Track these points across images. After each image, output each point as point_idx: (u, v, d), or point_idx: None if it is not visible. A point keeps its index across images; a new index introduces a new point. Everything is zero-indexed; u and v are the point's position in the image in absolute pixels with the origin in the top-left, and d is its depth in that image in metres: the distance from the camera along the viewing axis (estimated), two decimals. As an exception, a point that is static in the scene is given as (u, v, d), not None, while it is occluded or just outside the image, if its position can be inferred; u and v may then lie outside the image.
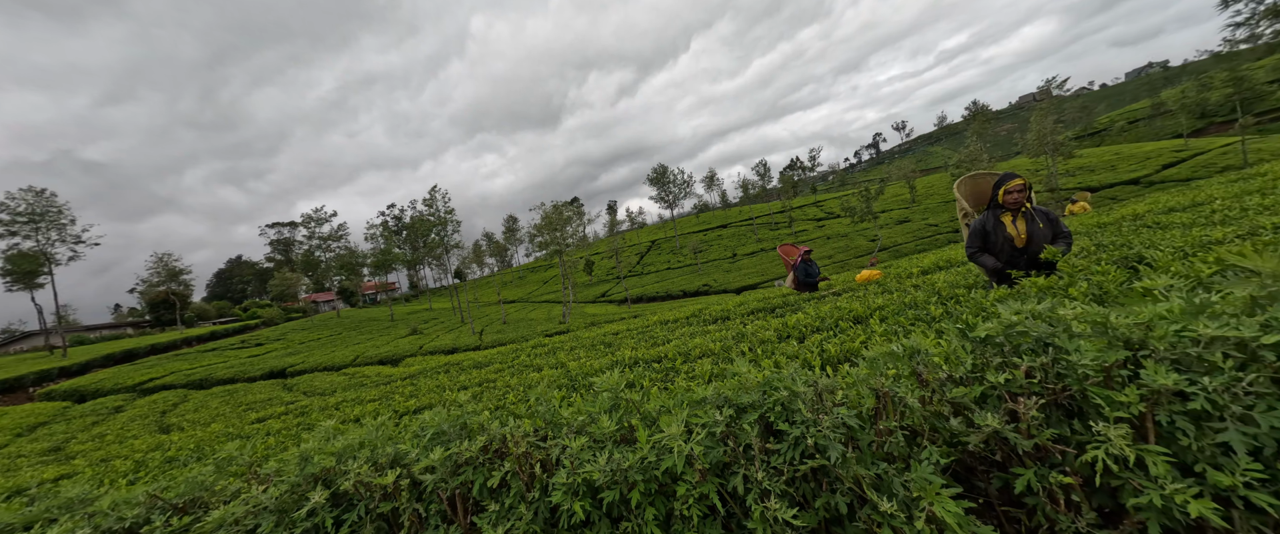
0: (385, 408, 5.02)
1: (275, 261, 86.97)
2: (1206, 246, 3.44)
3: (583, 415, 1.56)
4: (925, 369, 1.36)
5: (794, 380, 1.36)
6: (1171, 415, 1.03)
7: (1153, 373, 1.04)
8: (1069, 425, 1.15)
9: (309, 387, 13.99)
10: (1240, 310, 1.16)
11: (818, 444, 1.16)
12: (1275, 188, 7.12)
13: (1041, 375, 1.18)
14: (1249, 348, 1.03)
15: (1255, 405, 0.98)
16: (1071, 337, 1.23)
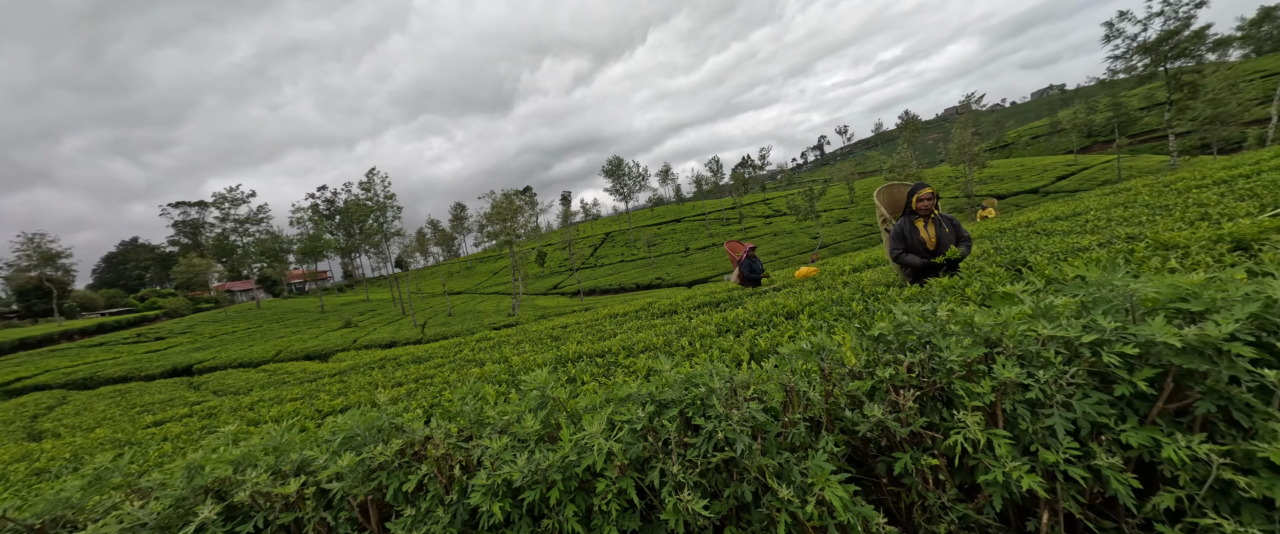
0: (307, 408, 4.67)
1: (181, 245, 77.24)
2: (1075, 252, 3.99)
3: (509, 415, 1.56)
4: (828, 365, 1.49)
5: (712, 377, 1.44)
6: (1014, 404, 1.21)
7: (1001, 367, 1.21)
8: (939, 414, 1.31)
9: (220, 385, 12.68)
10: (1073, 312, 1.37)
11: (728, 437, 1.24)
12: (1135, 201, 8.36)
13: (919, 370, 1.34)
14: (1073, 345, 1.22)
15: (1074, 394, 1.17)
16: (945, 335, 1.40)
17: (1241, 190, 6.03)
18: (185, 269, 51.64)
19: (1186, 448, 1.11)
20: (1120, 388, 1.18)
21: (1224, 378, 1.11)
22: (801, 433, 1.34)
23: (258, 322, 36.44)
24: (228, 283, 77.88)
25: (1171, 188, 8.96)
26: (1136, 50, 24.74)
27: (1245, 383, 1.09)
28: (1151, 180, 12.17)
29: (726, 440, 1.25)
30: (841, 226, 54.09)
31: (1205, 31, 22.81)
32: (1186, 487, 1.12)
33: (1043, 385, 1.19)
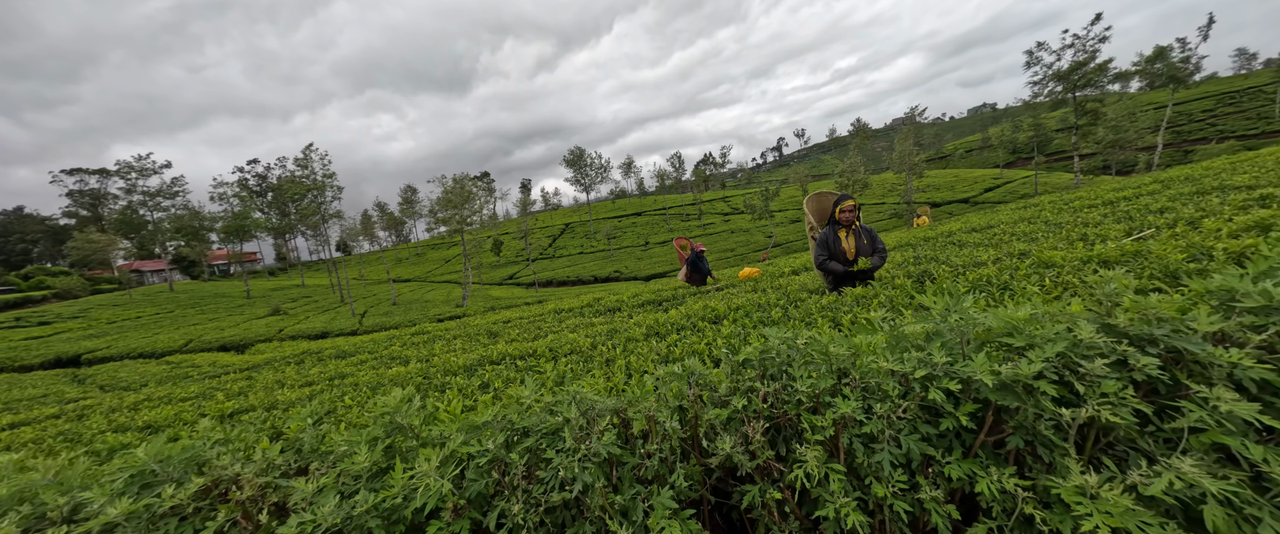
0: (190, 412, 4.19)
1: (78, 218, 67.98)
2: (975, 266, 4.28)
3: (349, 444, 1.41)
4: (694, 391, 1.45)
5: (569, 405, 1.37)
6: (851, 437, 1.22)
7: (841, 401, 1.22)
8: (788, 446, 1.31)
9: (110, 379, 11.29)
10: (920, 342, 1.41)
11: (569, 476, 1.17)
12: (1038, 216, 9.20)
13: (772, 400, 1.33)
14: (908, 379, 1.25)
15: (903, 428, 1.19)
16: (806, 363, 1.40)
17: (1120, 212, 6.75)
18: (82, 245, 45.51)
19: (997, 481, 1.16)
20: (946, 421, 1.22)
21: (1030, 414, 1.16)
22: (655, 466, 1.29)
23: (168, 307, 32.85)
24: (136, 262, 69.64)
25: (1069, 205, 9.93)
26: (1052, 77, 27.48)
27: (1046, 420, 1.15)
28: (1056, 197, 13.49)
29: (569, 478, 1.18)
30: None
31: (1107, 65, 25.68)
32: (999, 518, 1.18)
33: (879, 418, 1.21)
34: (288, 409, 3.80)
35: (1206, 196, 6.34)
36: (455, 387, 3.51)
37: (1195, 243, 3.26)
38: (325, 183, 38.17)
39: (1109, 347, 1.20)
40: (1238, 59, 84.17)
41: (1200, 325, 1.20)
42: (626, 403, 1.48)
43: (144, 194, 46.65)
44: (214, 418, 4.09)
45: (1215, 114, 69.98)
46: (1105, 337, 1.25)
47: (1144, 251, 3.41)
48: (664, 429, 1.34)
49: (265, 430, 2.61)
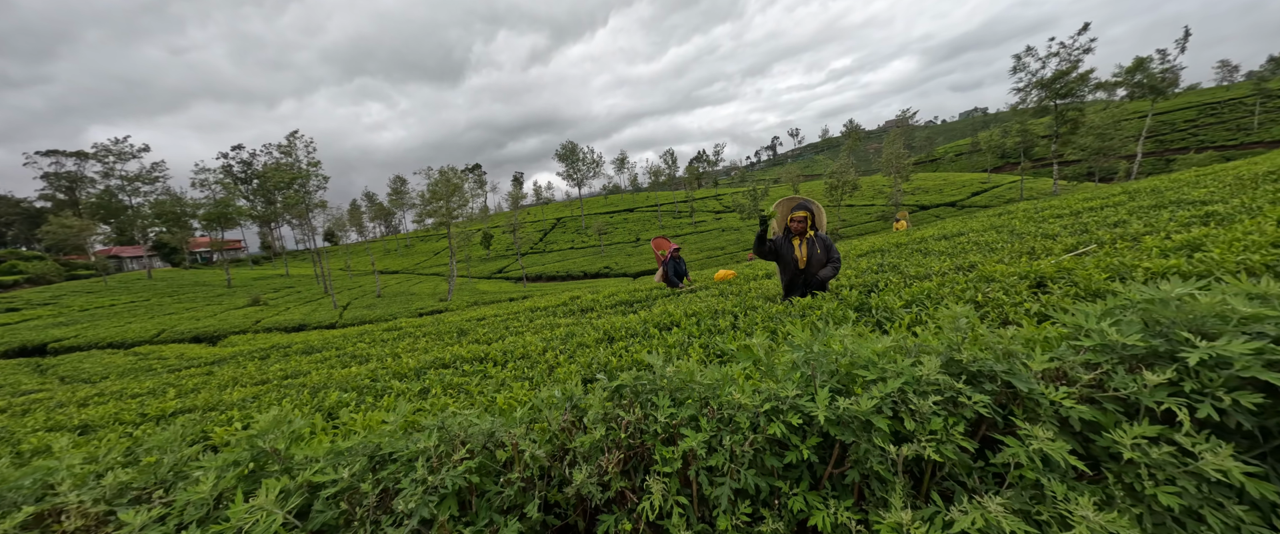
0: (129, 412, 4.11)
1: (54, 201, 66.09)
2: (923, 277, 4.34)
3: (231, 459, 1.39)
4: (569, 417, 1.46)
5: (431, 433, 1.37)
6: (699, 470, 1.24)
7: (690, 434, 1.23)
8: (642, 477, 1.32)
9: (73, 370, 11.04)
10: (788, 370, 1.43)
11: (408, 508, 1.17)
12: (1006, 225, 9.35)
13: (631, 430, 1.34)
14: (756, 413, 1.27)
15: (746, 461, 1.21)
16: (669, 392, 1.41)
17: (1079, 224, 6.89)
18: (56, 229, 44.29)
19: (832, 515, 1.19)
20: (791, 454, 1.24)
21: (863, 449, 1.19)
22: (512, 494, 1.30)
23: (145, 294, 32.17)
24: (114, 248, 68.04)
25: (1039, 214, 10.11)
26: (1035, 85, 27.87)
27: (876, 455, 1.17)
28: (1030, 205, 13.73)
29: (408, 512, 1.18)
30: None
31: (1088, 75, 26.10)
32: (838, 549, 1.20)
33: (723, 451, 1.23)
34: (230, 410, 3.75)
35: (1163, 210, 6.49)
36: (394, 391, 3.49)
37: (1126, 262, 3.33)
38: (310, 171, 37.50)
39: (946, 384, 1.22)
40: (1220, 71, 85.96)
41: (1034, 363, 1.23)
42: (504, 426, 1.48)
43: (122, 178, 45.52)
44: (152, 418, 4.03)
45: (1197, 124, 71.56)
46: (945, 373, 1.28)
47: (1077, 267, 3.49)
48: (526, 457, 1.34)
49: (169, 440, 2.57)
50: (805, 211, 4.32)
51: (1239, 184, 7.62)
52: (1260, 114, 63.76)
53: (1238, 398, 1.09)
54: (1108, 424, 1.19)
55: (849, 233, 44.03)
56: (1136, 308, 1.33)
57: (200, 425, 2.99)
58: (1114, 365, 1.24)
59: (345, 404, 3.25)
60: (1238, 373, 1.10)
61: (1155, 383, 1.15)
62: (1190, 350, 1.14)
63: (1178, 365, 1.15)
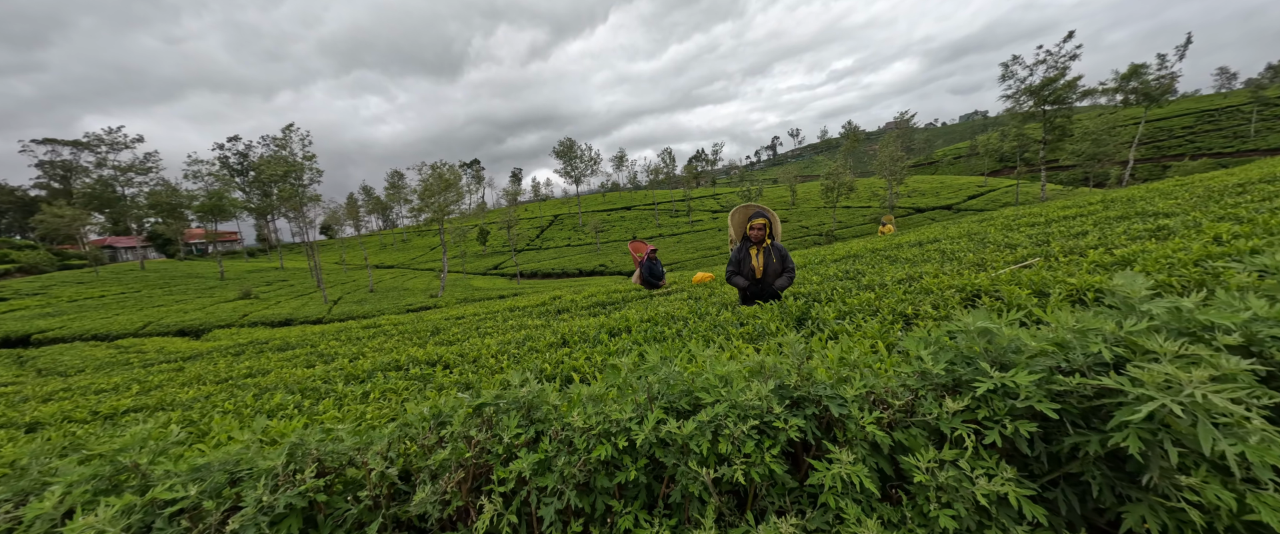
0: (85, 409, 4.15)
1: (49, 190, 65.79)
2: (869, 288, 4.40)
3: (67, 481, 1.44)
4: (429, 435, 1.51)
5: (282, 452, 1.41)
6: (529, 490, 1.29)
7: (523, 455, 1.29)
8: (487, 495, 1.38)
9: (52, 362, 11.07)
10: (630, 395, 1.48)
11: (239, 525, 1.22)
12: (979, 232, 9.42)
13: (478, 449, 1.39)
14: (588, 435, 1.32)
15: (574, 481, 1.27)
16: (516, 413, 1.46)
17: (1047, 234, 6.96)
18: (49, 218, 44.14)
19: (656, 532, 1.24)
20: (620, 475, 1.30)
21: (681, 470, 1.24)
22: (357, 513, 1.35)
23: (136, 286, 32.12)
24: (109, 238, 67.80)
25: (1018, 221, 10.17)
26: (1024, 91, 27.96)
27: (690, 476, 1.23)
28: (1013, 212, 13.80)
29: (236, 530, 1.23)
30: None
31: (1076, 82, 26.20)
32: (658, 565, 1.26)
33: (559, 472, 1.28)
34: (173, 411, 3.79)
35: (1125, 222, 6.55)
36: (334, 395, 3.54)
37: (1054, 278, 3.39)
38: (305, 164, 37.37)
39: (766, 408, 1.28)
40: (1219, 78, 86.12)
41: (849, 390, 1.29)
42: (368, 443, 1.53)
43: (115, 168, 45.33)
44: (103, 416, 4.07)
45: (1194, 131, 71.74)
46: (779, 396, 1.34)
47: (1011, 282, 3.55)
48: (374, 476, 1.40)
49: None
50: (763, 220, 4.37)
51: (1208, 195, 7.70)
52: (1257, 122, 63.97)
53: (1018, 426, 1.15)
54: (916, 447, 1.25)
55: (844, 234, 44.12)
56: (965, 336, 1.38)
57: (111, 431, 3.03)
58: (927, 392, 1.30)
59: (284, 407, 3.30)
60: (1022, 402, 1.16)
61: (954, 410, 1.21)
62: (982, 380, 1.20)
63: (972, 394, 1.21)
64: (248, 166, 48.59)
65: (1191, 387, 1.00)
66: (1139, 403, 1.05)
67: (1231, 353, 1.21)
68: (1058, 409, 1.22)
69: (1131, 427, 1.07)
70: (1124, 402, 1.09)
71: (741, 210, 5.17)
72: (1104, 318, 1.28)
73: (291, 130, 38.10)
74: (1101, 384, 1.11)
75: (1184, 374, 1.01)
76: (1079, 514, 1.19)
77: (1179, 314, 1.24)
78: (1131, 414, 1.05)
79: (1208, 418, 1.00)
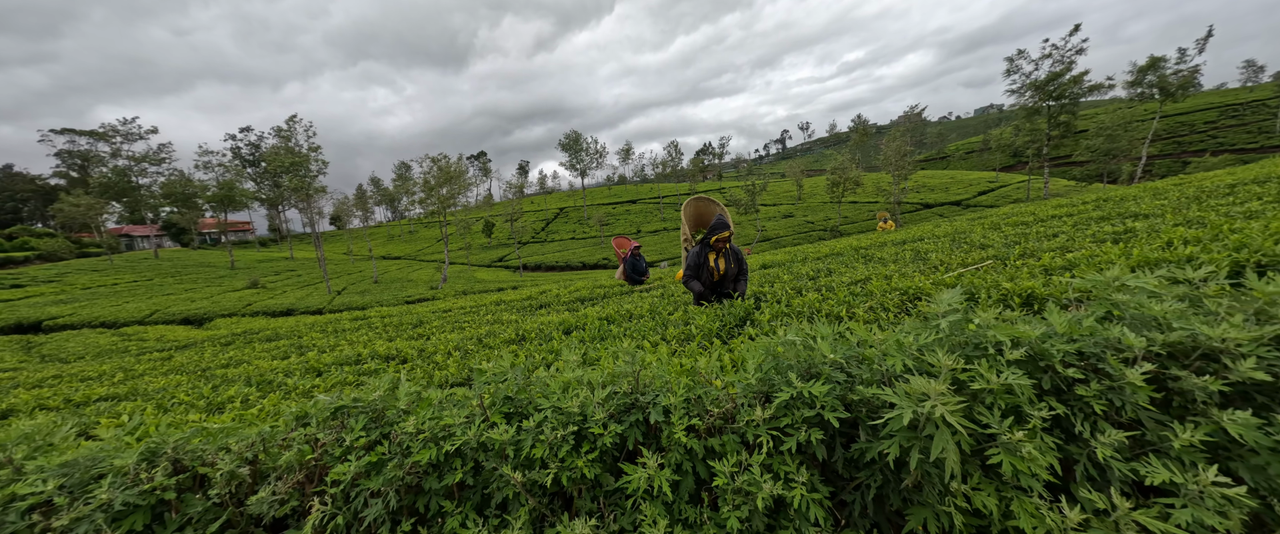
0: (59, 398, 4.34)
1: (68, 179, 67.44)
2: (818, 290, 4.42)
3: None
4: (280, 434, 1.59)
5: (136, 452, 1.50)
6: (357, 492, 1.37)
7: (353, 458, 1.36)
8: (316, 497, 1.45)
9: (58, 349, 11.47)
10: (487, 399, 1.54)
11: (75, 518, 1.31)
12: (971, 232, 9.30)
13: (320, 452, 1.47)
14: (417, 438, 1.39)
15: (396, 483, 1.34)
16: (362, 416, 1.53)
17: (1022, 234, 6.87)
18: (66, 207, 45.32)
19: (480, 532, 1.31)
20: (449, 477, 1.37)
21: (497, 474, 1.31)
22: (200, 512, 1.43)
23: (148, 274, 32.94)
24: (126, 227, 69.41)
25: (1008, 220, 10.03)
26: (1028, 86, 27.27)
27: (499, 480, 1.29)
28: (1008, 210, 13.58)
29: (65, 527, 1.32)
30: (786, 222, 55.96)
31: (1081, 77, 25.47)
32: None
33: (386, 475, 1.36)
34: (136, 401, 3.95)
35: (1105, 224, 6.45)
36: (285, 389, 3.66)
37: (989, 282, 3.39)
38: (310, 156, 37.84)
39: (584, 414, 1.34)
40: (1245, 71, 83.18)
41: (671, 398, 1.34)
42: (222, 443, 1.61)
43: (129, 158, 46.29)
44: (75, 404, 4.25)
45: (1217, 126, 69.51)
46: (604, 405, 1.39)
47: (957, 283, 3.55)
48: (220, 475, 1.48)
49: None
50: (727, 231, 4.38)
51: (1199, 195, 7.53)
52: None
53: (811, 433, 1.20)
54: (727, 453, 1.30)
55: (849, 230, 43.70)
56: (791, 348, 1.43)
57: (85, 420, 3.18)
58: (747, 400, 1.35)
59: (232, 400, 3.43)
60: (812, 412, 1.21)
61: (762, 417, 1.26)
62: (785, 389, 1.24)
63: (777, 403, 1.25)
64: (259, 157, 49.31)
65: (934, 400, 1.04)
66: (900, 413, 1.09)
67: (1019, 366, 1.24)
68: (849, 417, 1.27)
69: (898, 435, 1.12)
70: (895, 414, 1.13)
71: (698, 201, 5.17)
72: (914, 332, 1.32)
73: (295, 121, 38.54)
74: (878, 395, 1.15)
75: (927, 388, 1.05)
76: (870, 517, 1.24)
77: (964, 329, 1.26)
78: (898, 424, 1.09)
79: (947, 428, 1.04)
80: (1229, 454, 1.13)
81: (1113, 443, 1.12)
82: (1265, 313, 1.24)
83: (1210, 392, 1.12)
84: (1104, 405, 1.18)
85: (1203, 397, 1.14)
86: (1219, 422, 1.08)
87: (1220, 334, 1.15)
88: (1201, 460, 1.07)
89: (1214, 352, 1.18)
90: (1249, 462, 1.08)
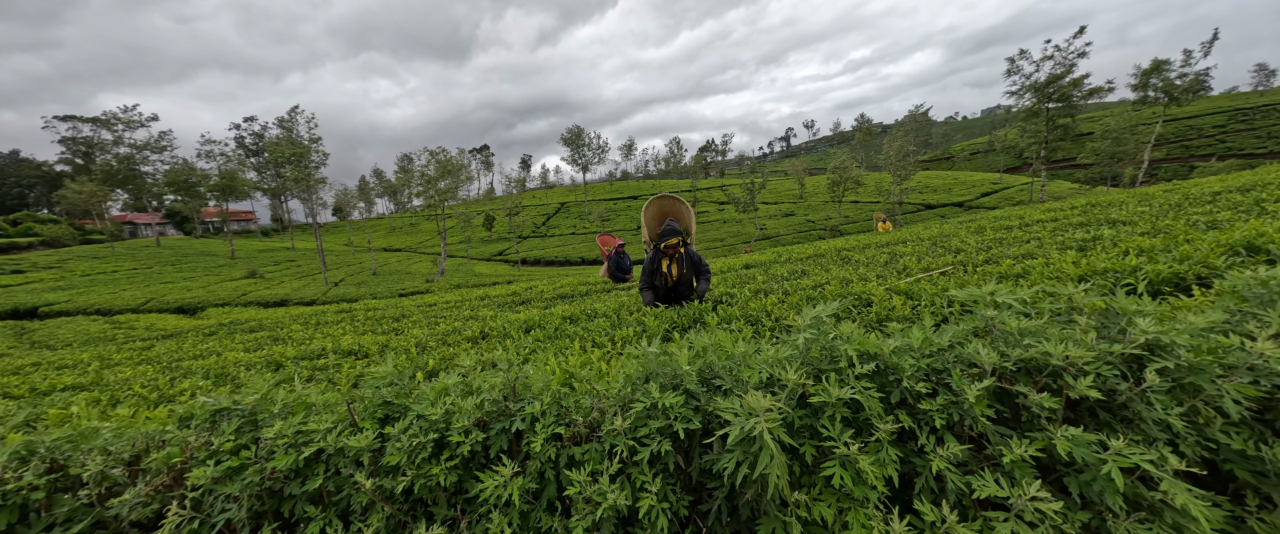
0: (24, 387, 4.39)
1: (73, 166, 67.89)
2: (770, 293, 4.41)
3: None
4: (159, 437, 1.60)
5: (5, 451, 1.51)
6: (218, 496, 1.38)
7: (210, 463, 1.37)
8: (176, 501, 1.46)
9: (50, 336, 11.58)
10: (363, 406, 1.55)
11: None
12: (957, 234, 9.25)
13: (189, 455, 1.48)
14: (277, 443, 1.40)
15: (253, 488, 1.35)
16: (234, 419, 1.55)
17: (997, 239, 6.83)
18: (70, 194, 45.62)
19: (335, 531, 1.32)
20: (311, 483, 1.38)
21: (351, 481, 1.32)
22: (64, 512, 1.44)
23: (148, 262, 33.17)
24: (130, 214, 69.83)
25: (992, 225, 9.96)
26: (1027, 88, 26.97)
27: (352, 486, 1.30)
28: (999, 214, 13.50)
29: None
30: (787, 220, 55.77)
31: (1082, 80, 25.16)
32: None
33: (242, 479, 1.37)
34: (94, 391, 3.99)
35: (1081, 230, 6.40)
36: (239, 382, 3.68)
37: (935, 290, 3.37)
38: (310, 147, 37.90)
39: (447, 423, 1.35)
40: (1257, 74, 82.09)
41: (534, 408, 1.35)
42: (92, 444, 1.62)
43: (131, 146, 46.49)
44: (42, 392, 4.30)
45: (1226, 130, 68.69)
46: (470, 414, 1.40)
47: (909, 289, 3.54)
48: (88, 476, 1.49)
49: None
50: (676, 238, 4.34)
51: (1184, 201, 7.46)
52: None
53: (661, 444, 1.20)
54: (588, 463, 1.31)
55: (850, 229, 43.55)
56: (654, 358, 1.43)
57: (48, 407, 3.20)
58: (615, 409, 1.35)
59: (182, 394, 3.46)
60: (671, 422, 1.21)
61: (623, 428, 1.27)
62: (641, 399, 1.24)
63: (635, 414, 1.26)
64: (262, 148, 49.44)
65: (760, 417, 1.04)
66: (731, 429, 1.09)
67: (873, 379, 1.23)
68: (701, 430, 1.27)
69: (736, 449, 1.12)
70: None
71: (662, 200, 5.13)
72: (776, 346, 1.31)
73: (296, 112, 38.58)
74: (719, 411, 1.15)
75: (756, 404, 1.05)
76: (726, 526, 1.25)
77: (820, 344, 1.26)
78: (736, 438, 1.10)
79: (774, 444, 1.04)
80: (1067, 471, 1.13)
81: (950, 456, 1.12)
82: (1107, 330, 1.24)
83: (1045, 407, 1.12)
84: (944, 420, 1.18)
85: (1042, 412, 1.14)
86: (1052, 437, 1.08)
87: (1062, 353, 1.15)
88: (1030, 474, 1.07)
89: (1056, 370, 1.18)
90: (1078, 478, 1.08)
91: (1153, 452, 1.04)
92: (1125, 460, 1.00)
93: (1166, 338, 1.15)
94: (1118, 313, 1.32)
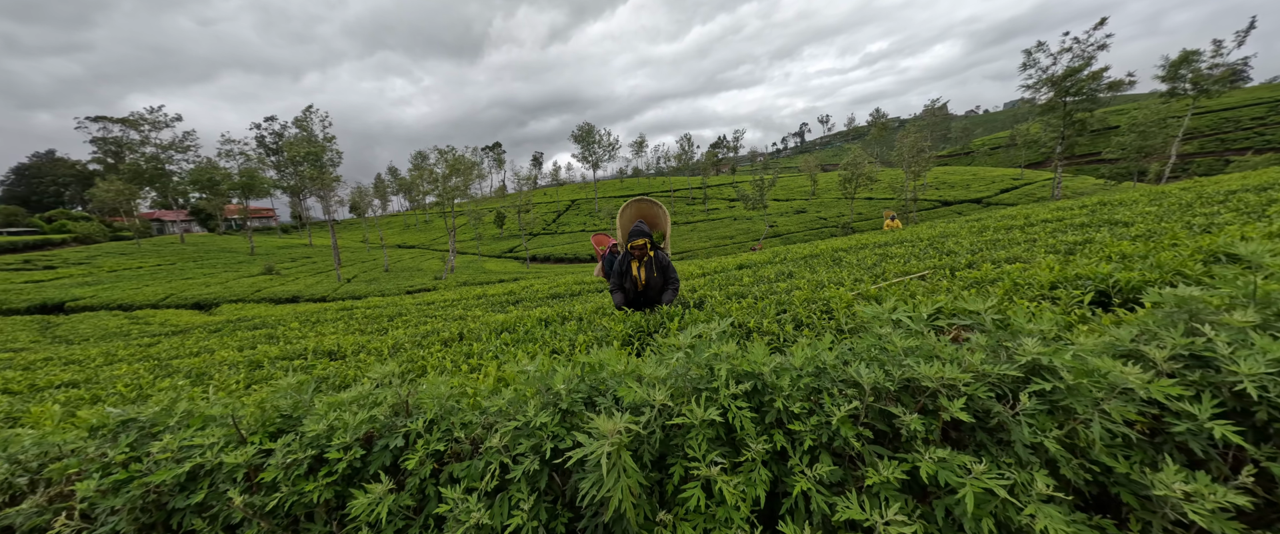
0: (24, 382, 4.58)
1: (105, 165, 70.70)
2: (744, 297, 4.34)
3: None
4: (31, 452, 1.64)
5: None
6: (101, 507, 1.40)
7: (96, 477, 1.40)
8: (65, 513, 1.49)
9: (71, 331, 12.08)
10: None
11: None
12: (957, 234, 8.99)
13: (87, 465, 1.51)
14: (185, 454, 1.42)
15: (138, 500, 1.37)
16: (135, 429, 1.57)
17: (1003, 238, 6.61)
18: (101, 192, 47.50)
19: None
20: (195, 496, 1.39)
21: (219, 497, 1.33)
22: None
23: (171, 258, 34.34)
24: (158, 211, 72.36)
25: (996, 224, 9.66)
26: (1044, 82, 25.94)
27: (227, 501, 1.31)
28: (1006, 213, 13.08)
29: None
30: (799, 217, 55.07)
31: (1101, 73, 24.10)
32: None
33: (129, 491, 1.39)
34: (89, 388, 4.14)
35: (1080, 230, 6.16)
36: (215, 382, 3.77)
37: (906, 293, 3.28)
38: (325, 145, 38.70)
39: (326, 440, 1.35)
40: (1300, 64, 77.59)
41: (416, 424, 1.34)
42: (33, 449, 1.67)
43: (157, 146, 48.13)
44: (41, 388, 4.47)
45: (1265, 122, 65.47)
46: (354, 429, 1.40)
47: (878, 295, 3.44)
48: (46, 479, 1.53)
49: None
50: (643, 239, 4.28)
51: (1198, 200, 7.14)
52: (1338, 114, 57.82)
53: (530, 463, 1.18)
54: (468, 479, 1.30)
55: (862, 226, 42.83)
56: (530, 377, 1.40)
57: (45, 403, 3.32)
58: (496, 425, 1.34)
59: (162, 392, 3.56)
60: (533, 440, 1.19)
61: (498, 445, 1.25)
62: (517, 417, 1.22)
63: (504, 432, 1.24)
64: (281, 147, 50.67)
65: (608, 439, 1.01)
66: (583, 451, 1.07)
67: (749, 399, 1.20)
68: (560, 448, 1.24)
69: (593, 471, 1.10)
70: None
71: (639, 203, 5.08)
72: (654, 365, 1.28)
73: (311, 111, 39.40)
74: (579, 430, 1.13)
75: (605, 426, 1.03)
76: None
77: (696, 363, 1.22)
78: (581, 457, 1.07)
79: (619, 467, 1.01)
80: (938, 492, 1.08)
81: (818, 476, 1.08)
82: (1003, 350, 1.17)
83: (913, 429, 1.07)
84: (814, 440, 1.13)
85: (914, 433, 1.09)
86: (919, 458, 1.04)
87: (937, 374, 1.10)
88: (898, 496, 1.03)
89: (932, 391, 1.12)
90: (944, 501, 1.04)
91: (1017, 474, 0.99)
92: (980, 483, 0.95)
93: (1046, 359, 1.09)
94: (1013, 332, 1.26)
